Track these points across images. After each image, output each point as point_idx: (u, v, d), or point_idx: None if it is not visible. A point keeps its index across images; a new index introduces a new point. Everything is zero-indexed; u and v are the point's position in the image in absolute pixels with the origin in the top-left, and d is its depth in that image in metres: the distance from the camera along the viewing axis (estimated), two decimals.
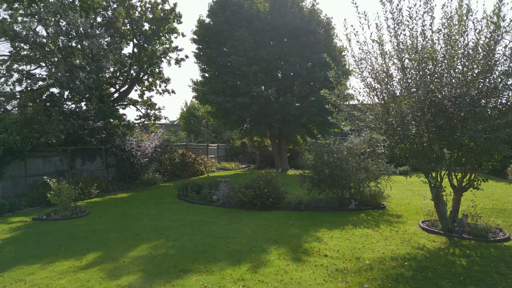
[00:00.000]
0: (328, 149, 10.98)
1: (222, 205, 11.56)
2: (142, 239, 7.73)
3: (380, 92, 8.37)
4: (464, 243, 7.26)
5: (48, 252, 6.93)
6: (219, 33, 21.01)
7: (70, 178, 14.48)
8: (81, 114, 13.73)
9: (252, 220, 9.37)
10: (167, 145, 18.46)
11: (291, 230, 8.35)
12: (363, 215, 10.00)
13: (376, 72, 8.34)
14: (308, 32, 19.90)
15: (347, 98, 8.90)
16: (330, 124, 21.34)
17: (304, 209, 10.75)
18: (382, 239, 7.53)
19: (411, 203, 11.98)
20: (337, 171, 10.66)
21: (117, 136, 16.56)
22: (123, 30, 18.39)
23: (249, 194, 10.81)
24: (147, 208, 11.52)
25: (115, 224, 9.23)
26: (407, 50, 7.63)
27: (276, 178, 11.46)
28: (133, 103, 20.07)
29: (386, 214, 10.16)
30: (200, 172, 21.89)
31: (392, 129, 7.87)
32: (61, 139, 13.24)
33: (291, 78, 21.53)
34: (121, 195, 14.38)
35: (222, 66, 21.08)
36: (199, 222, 9.30)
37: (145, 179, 17.32)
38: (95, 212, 10.88)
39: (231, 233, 8.05)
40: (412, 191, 14.41)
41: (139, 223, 9.36)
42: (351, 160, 10.91)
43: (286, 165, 23.53)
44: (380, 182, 11.31)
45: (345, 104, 9.19)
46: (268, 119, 20.56)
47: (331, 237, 7.70)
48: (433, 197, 8.71)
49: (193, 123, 35.52)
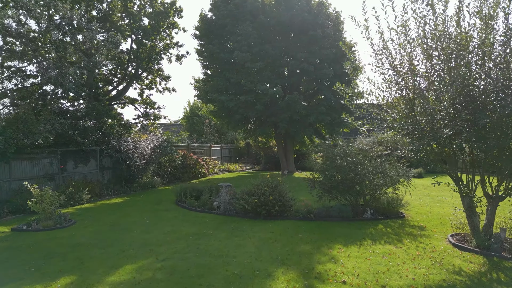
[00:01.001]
0: (341, 152, 9.83)
1: (222, 213, 10.45)
2: (127, 257, 6.65)
3: (404, 86, 7.21)
4: (507, 265, 6.09)
5: (14, 275, 5.86)
6: (222, 27, 19.90)
7: (61, 182, 13.47)
8: (71, 113, 12.68)
9: (255, 233, 8.25)
10: (166, 146, 17.40)
11: (301, 246, 7.22)
12: (381, 227, 8.84)
13: (400, 63, 7.18)
14: (316, 26, 18.70)
15: (364, 94, 7.73)
16: (339, 124, 20.15)
17: (314, 218, 9.60)
18: (409, 259, 6.37)
19: (432, 211, 10.80)
20: (350, 176, 9.52)
21: (113, 137, 15.54)
22: (120, 25, 17.37)
23: (253, 201, 9.69)
24: (140, 216, 10.45)
25: (101, 237, 8.16)
26: (438, 36, 6.46)
27: (283, 183, 10.33)
28: (131, 101, 19.05)
29: (407, 225, 9.00)
30: (202, 174, 20.81)
31: (419, 129, 6.71)
32: (50, 140, 12.22)
33: (297, 75, 20.35)
34: (115, 200, 13.34)
35: (225, 62, 19.95)
36: (195, 234, 8.20)
37: (143, 182, 16.28)
38: (83, 221, 9.83)
39: (231, 250, 6.94)
40: (430, 197, 13.21)
41: (128, 235, 8.28)
42: (366, 164, 9.76)
43: (293, 167, 22.37)
44: (398, 188, 10.14)
45: (363, 100, 8.07)
46: (273, 118, 19.39)
47: (348, 256, 6.56)
48: (465, 208, 7.53)
49: (196, 123, 34.47)
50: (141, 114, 19.25)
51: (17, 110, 14.12)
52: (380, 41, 7.28)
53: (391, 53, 7.37)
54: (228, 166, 25.85)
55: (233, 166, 25.84)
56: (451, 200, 12.58)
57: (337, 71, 18.86)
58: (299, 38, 19.28)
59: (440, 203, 12.11)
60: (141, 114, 19.29)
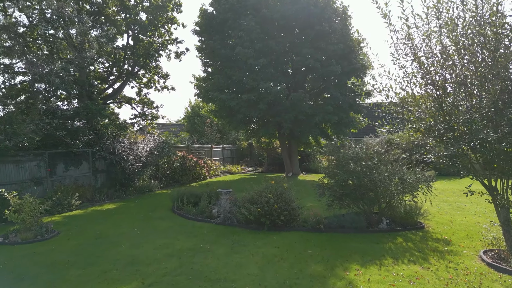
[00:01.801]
0: (354, 155, 8.81)
1: (222, 223, 9.46)
2: (108, 281, 5.67)
3: (432, 81, 6.19)
4: None
5: None
6: (223, 22, 18.89)
7: (50, 186, 12.53)
8: (59, 112, 11.71)
9: (259, 248, 7.26)
10: (164, 147, 16.42)
11: (312, 266, 6.21)
12: (400, 240, 7.82)
13: (427, 53, 6.16)
14: (323, 20, 17.65)
15: (383, 90, 6.71)
16: (347, 124, 19.10)
17: (324, 230, 8.59)
18: (441, 285, 5.35)
19: (453, 220, 9.78)
20: (365, 182, 8.51)
21: (107, 138, 14.58)
22: (116, 19, 16.40)
23: (256, 210, 8.69)
24: (131, 225, 9.48)
25: (84, 253, 7.19)
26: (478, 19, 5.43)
27: (289, 189, 9.32)
28: (127, 100, 18.10)
29: (429, 238, 7.98)
30: (203, 177, 19.83)
31: (452, 130, 5.69)
32: (36, 142, 11.28)
33: (303, 73, 19.31)
34: (107, 206, 12.38)
35: (227, 59, 18.92)
36: (190, 250, 7.21)
37: (139, 186, 15.32)
38: (67, 232, 8.87)
39: (231, 272, 5.94)
40: (448, 203, 12.17)
41: (114, 250, 7.31)
42: (382, 168, 8.74)
43: (297, 169, 21.33)
44: (417, 195, 9.11)
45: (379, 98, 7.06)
46: (277, 118, 18.34)
47: (368, 280, 5.55)
48: (500, 222, 6.51)
49: (197, 123, 33.47)
50: (138, 114, 18.31)
51: (7, 109, 13.24)
52: (404, 27, 6.26)
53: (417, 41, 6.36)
54: (230, 168, 24.86)
55: (235, 168, 24.85)
56: (471, 208, 11.56)
57: (345, 68, 17.81)
58: (305, 33, 18.22)
59: (461, 211, 11.08)
60: (138, 113, 18.35)
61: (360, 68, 18.35)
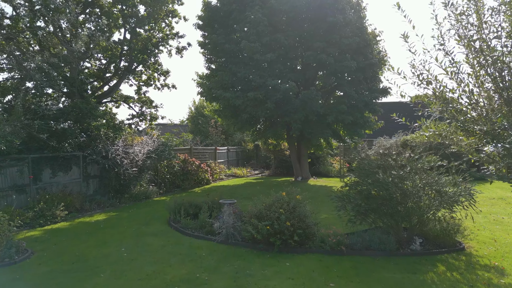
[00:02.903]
0: (382, 163, 7.36)
1: (224, 241, 8.05)
2: None
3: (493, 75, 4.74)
4: None
5: None
6: (228, 15, 17.50)
7: (33, 195, 11.23)
8: (40, 112, 10.41)
9: (269, 280, 5.83)
10: (163, 150, 15.06)
11: None
12: (442, 269, 6.35)
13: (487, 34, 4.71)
14: (336, 11, 16.16)
15: (432, 80, 5.25)
16: (362, 125, 17.57)
17: (346, 252, 7.15)
18: None
19: (496, 238, 8.31)
20: (396, 196, 7.07)
21: (100, 140, 13.27)
22: (110, 10, 15.09)
23: (264, 228, 7.27)
24: (119, 244, 8.12)
25: (53, 285, 5.83)
26: None
27: (303, 203, 7.88)
28: (123, 99, 16.80)
29: (476, 265, 6.52)
30: (206, 181, 18.46)
31: None
32: (16, 145, 9.99)
33: (313, 69, 17.82)
34: (97, 217, 11.05)
35: (231, 55, 17.51)
36: (183, 282, 5.81)
37: (135, 192, 13.98)
38: (42, 253, 7.53)
39: None
40: (483, 214, 10.47)
41: (91, 282, 5.94)
42: (417, 178, 7.29)
43: (307, 172, 19.82)
44: (456, 211, 7.63)
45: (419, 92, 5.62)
46: (286, 118, 16.86)
47: None
48: None
49: (201, 123, 32.15)
50: (136, 114, 16.99)
51: None
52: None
53: (471, 21, 4.91)
54: (235, 171, 23.47)
55: (240, 171, 23.44)
56: (511, 220, 10.06)
57: (360, 64, 16.31)
58: (316, 25, 16.72)
59: (500, 225, 9.59)
60: (136, 113, 17.03)
61: (377, 63, 16.84)
